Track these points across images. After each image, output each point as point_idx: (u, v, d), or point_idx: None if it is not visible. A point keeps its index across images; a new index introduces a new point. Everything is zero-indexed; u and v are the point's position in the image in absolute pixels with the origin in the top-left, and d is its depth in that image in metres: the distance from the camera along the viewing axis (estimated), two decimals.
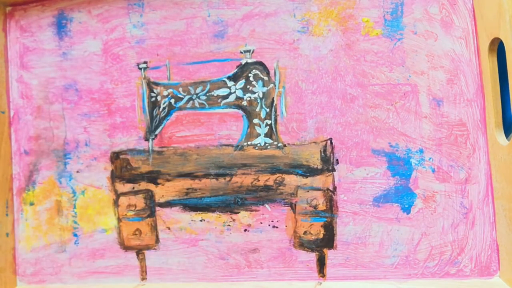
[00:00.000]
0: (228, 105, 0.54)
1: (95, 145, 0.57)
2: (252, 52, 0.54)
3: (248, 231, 0.53)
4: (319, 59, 0.52)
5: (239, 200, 0.53)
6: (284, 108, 0.53)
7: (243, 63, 0.54)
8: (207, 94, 0.55)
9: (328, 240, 0.51)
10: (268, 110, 0.53)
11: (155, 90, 0.56)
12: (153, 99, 0.56)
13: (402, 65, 0.50)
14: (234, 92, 0.54)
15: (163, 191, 0.55)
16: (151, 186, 0.56)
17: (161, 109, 0.56)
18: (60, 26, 0.59)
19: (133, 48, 0.57)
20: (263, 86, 0.53)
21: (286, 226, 0.52)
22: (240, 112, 0.54)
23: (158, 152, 0.56)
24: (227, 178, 0.54)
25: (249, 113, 0.54)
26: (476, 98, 0.48)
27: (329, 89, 0.52)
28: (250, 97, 0.54)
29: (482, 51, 0.47)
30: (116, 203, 0.56)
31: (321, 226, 0.51)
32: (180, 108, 0.55)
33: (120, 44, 0.57)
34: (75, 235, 0.57)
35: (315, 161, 0.52)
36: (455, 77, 0.49)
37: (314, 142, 0.52)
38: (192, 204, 0.54)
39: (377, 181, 0.50)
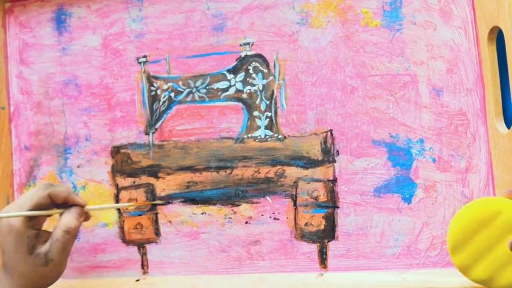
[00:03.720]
0: (228, 98, 0.54)
1: (96, 140, 0.57)
2: (252, 44, 0.54)
3: (249, 223, 0.53)
4: (318, 50, 0.52)
5: (240, 192, 0.53)
6: (284, 100, 0.53)
7: (242, 55, 0.54)
8: (207, 87, 0.55)
9: (329, 231, 0.51)
10: (268, 102, 0.53)
11: (155, 84, 0.56)
12: (153, 93, 0.56)
13: (402, 55, 0.50)
14: (234, 85, 0.54)
15: (164, 185, 0.55)
16: (152, 180, 0.56)
17: (161, 103, 0.56)
18: (60, 22, 0.59)
19: (132, 43, 0.57)
20: (263, 78, 0.53)
21: (287, 218, 0.52)
22: (240, 104, 0.54)
23: (159, 146, 0.56)
24: (228, 171, 0.54)
25: (249, 106, 0.54)
26: (476, 87, 0.48)
27: (329, 80, 0.52)
28: (250, 89, 0.54)
29: (481, 40, 0.47)
30: (117, 198, 0.56)
31: (322, 217, 0.51)
32: (180, 102, 0.56)
33: (119, 39, 0.57)
34: None
35: (316, 153, 0.52)
36: (454, 67, 0.49)
37: (315, 134, 0.52)
38: (193, 197, 0.54)
39: (378, 171, 0.50)
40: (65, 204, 0.49)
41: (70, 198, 0.48)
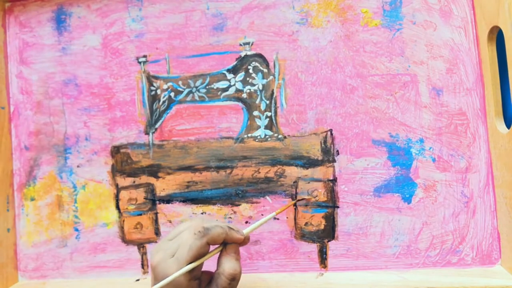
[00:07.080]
0: (228, 98, 0.54)
1: (96, 140, 0.57)
2: (252, 44, 0.54)
3: (249, 223, 0.53)
4: (318, 50, 0.52)
5: (240, 192, 0.53)
6: (284, 100, 0.53)
7: (242, 55, 0.54)
8: (207, 87, 0.55)
9: (329, 231, 0.51)
10: (268, 102, 0.53)
11: (154, 84, 0.56)
12: (153, 92, 0.56)
13: (402, 55, 0.50)
14: (234, 84, 0.54)
15: (164, 185, 0.55)
16: (151, 180, 0.56)
17: (161, 102, 0.56)
18: (59, 21, 0.59)
19: (132, 42, 0.57)
20: (263, 78, 0.53)
21: (287, 217, 0.52)
22: (240, 104, 0.54)
23: (159, 146, 0.56)
24: (228, 171, 0.54)
25: (249, 106, 0.54)
26: (475, 87, 0.48)
27: (329, 80, 0.52)
28: (249, 89, 0.54)
29: (481, 40, 0.47)
30: (117, 197, 0.56)
31: (322, 217, 0.51)
32: (180, 102, 0.55)
33: (119, 38, 0.57)
34: (76, 229, 0.57)
35: (316, 152, 0.52)
36: (454, 67, 0.49)
37: (314, 134, 0.52)
38: (193, 197, 0.54)
39: (378, 171, 0.50)
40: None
41: (229, 238, 0.43)
